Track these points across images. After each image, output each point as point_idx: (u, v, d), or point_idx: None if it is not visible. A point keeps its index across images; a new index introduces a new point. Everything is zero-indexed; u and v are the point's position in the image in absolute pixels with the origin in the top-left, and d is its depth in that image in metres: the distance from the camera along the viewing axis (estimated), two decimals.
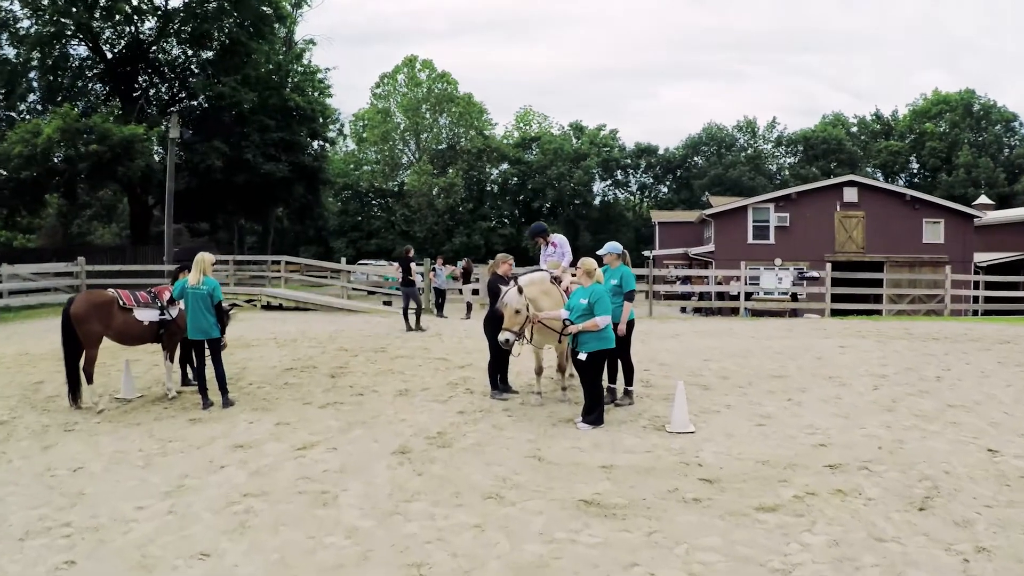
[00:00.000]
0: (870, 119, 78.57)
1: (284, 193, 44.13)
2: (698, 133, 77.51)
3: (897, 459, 7.19)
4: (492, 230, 65.72)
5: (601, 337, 8.43)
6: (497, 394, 9.92)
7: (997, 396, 10.35)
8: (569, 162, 67.76)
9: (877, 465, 7.04)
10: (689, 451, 7.60)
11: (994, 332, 18.96)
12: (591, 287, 8.53)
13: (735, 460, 7.32)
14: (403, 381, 11.08)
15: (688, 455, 7.46)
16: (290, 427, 8.45)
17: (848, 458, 7.25)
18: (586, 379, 8.48)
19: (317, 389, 10.49)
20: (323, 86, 46.83)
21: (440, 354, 13.80)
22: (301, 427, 8.44)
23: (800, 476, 6.78)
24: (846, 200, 33.36)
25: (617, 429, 8.40)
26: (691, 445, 7.80)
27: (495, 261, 10.34)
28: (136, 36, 38.88)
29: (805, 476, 6.77)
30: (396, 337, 16.39)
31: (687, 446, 7.77)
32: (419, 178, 62.65)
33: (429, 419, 8.72)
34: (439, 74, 68.08)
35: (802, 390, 10.75)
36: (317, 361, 12.75)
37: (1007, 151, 71.46)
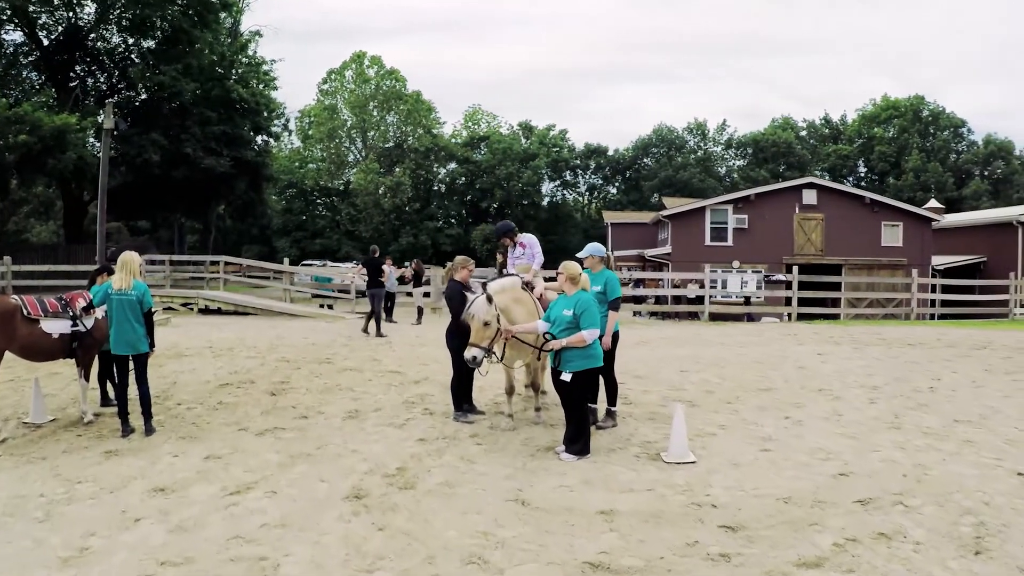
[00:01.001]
0: (819, 123, 79.32)
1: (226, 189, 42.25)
2: (648, 134, 77.22)
3: (928, 489, 6.36)
4: (439, 230, 64.30)
5: (588, 354, 7.24)
6: (461, 416, 8.68)
7: (999, 409, 9.80)
8: (518, 162, 66.64)
9: (910, 498, 6.16)
10: (697, 488, 6.47)
11: (965, 337, 18.54)
12: (576, 296, 7.34)
13: (752, 498, 6.24)
14: (352, 399, 9.74)
15: (697, 493, 6.32)
16: (222, 462, 7.04)
17: (876, 490, 6.36)
18: (570, 403, 7.28)
19: (255, 410, 9.08)
20: (268, 78, 45.02)
21: (392, 366, 12.50)
22: (235, 462, 7.04)
23: (832, 517, 5.80)
24: (805, 202, 32.92)
25: (606, 459, 7.22)
26: (697, 479, 6.68)
27: (453, 265, 9.05)
28: (74, 22, 36.66)
29: (837, 516, 5.81)
30: (343, 345, 15.01)
31: (693, 481, 6.64)
32: (365, 177, 60.76)
33: (385, 450, 7.40)
34: (387, 71, 66.35)
35: (796, 405, 9.92)
36: (255, 375, 11.32)
37: (955, 156, 72.64)
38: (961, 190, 66.43)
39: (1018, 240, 32.04)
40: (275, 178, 55.22)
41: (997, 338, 18.20)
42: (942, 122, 72.85)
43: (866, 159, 73.72)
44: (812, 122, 79.72)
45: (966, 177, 69.66)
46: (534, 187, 68.62)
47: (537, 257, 9.44)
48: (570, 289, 7.40)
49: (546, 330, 7.40)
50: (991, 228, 35.22)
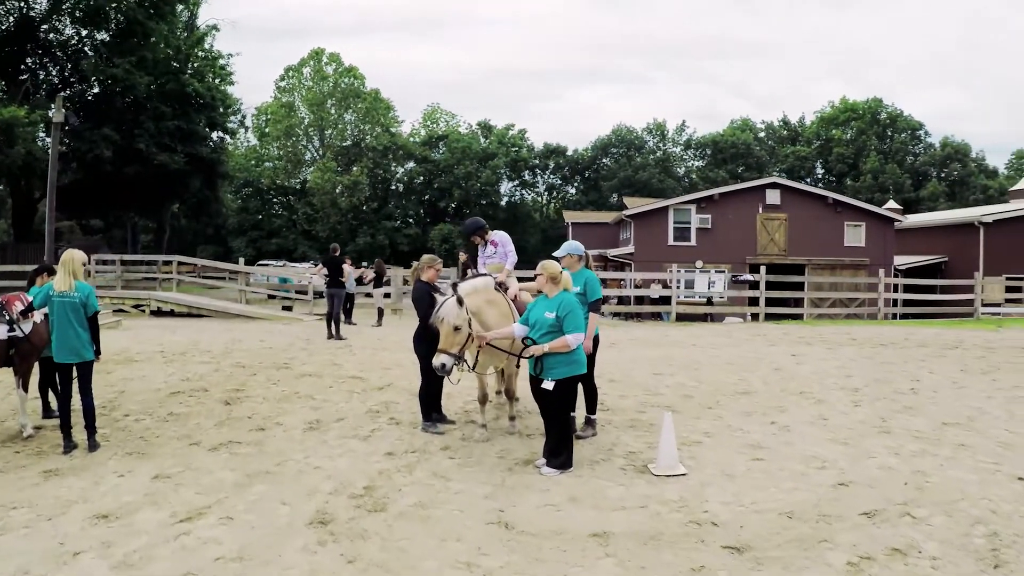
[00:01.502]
0: (778, 125, 79.95)
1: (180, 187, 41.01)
2: (607, 135, 77.05)
3: (932, 498, 6.06)
4: (397, 230, 63.31)
5: (572, 360, 6.69)
6: (430, 426, 8.08)
7: (985, 410, 9.67)
8: (477, 161, 66.05)
9: (916, 508, 5.83)
10: (692, 503, 5.97)
11: (935, 336, 18.51)
12: (558, 297, 6.77)
13: (753, 514, 5.77)
14: (312, 409, 9.06)
15: (694, 509, 5.83)
16: (172, 482, 6.32)
17: (879, 501, 6.00)
18: (552, 413, 6.72)
19: (208, 422, 8.36)
20: (225, 73, 43.81)
21: (353, 371, 11.83)
22: (186, 482, 6.33)
23: (840, 532, 5.39)
24: (768, 202, 32.83)
25: (591, 473, 6.68)
26: (691, 494, 6.19)
27: (420, 265, 8.40)
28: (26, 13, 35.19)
29: (846, 531, 5.41)
30: (301, 349, 14.28)
31: (687, 495, 6.14)
32: (322, 175, 59.56)
33: (350, 466, 6.75)
34: (346, 68, 65.20)
35: (780, 409, 9.56)
36: (209, 381, 10.56)
37: (912, 158, 73.67)
38: (918, 191, 67.46)
39: (980, 240, 32.38)
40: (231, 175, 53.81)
41: (967, 337, 18.17)
42: (900, 124, 73.97)
43: (824, 160, 74.53)
44: (771, 124, 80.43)
45: (923, 178, 70.81)
46: (493, 187, 68.07)
47: (510, 256, 8.88)
48: (551, 290, 6.85)
49: (525, 335, 6.85)
50: (953, 228, 35.57)
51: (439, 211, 68.20)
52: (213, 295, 28.44)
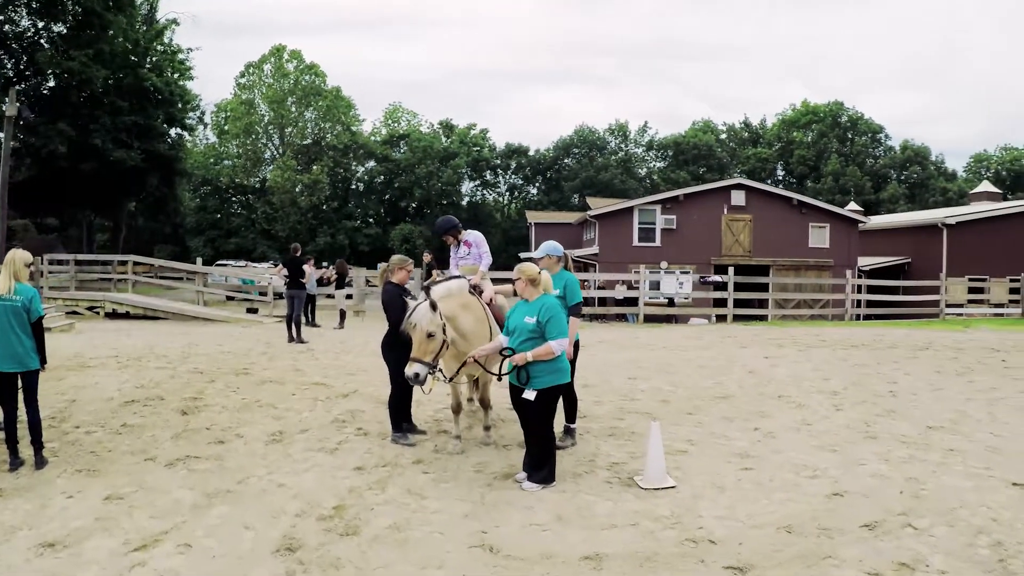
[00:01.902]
0: (739, 127, 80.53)
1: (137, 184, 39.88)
2: (570, 135, 76.87)
3: (930, 507, 5.88)
4: (357, 230, 62.34)
5: (555, 368, 6.29)
6: (401, 437, 7.62)
7: (967, 413, 9.59)
8: (438, 161, 65.34)
9: (917, 518, 5.62)
10: (686, 518, 5.63)
11: (904, 337, 18.54)
12: (539, 300, 6.35)
13: (751, 529, 5.45)
14: (274, 418, 8.51)
15: (688, 526, 5.48)
16: (125, 504, 5.76)
17: (878, 511, 5.76)
18: (534, 425, 6.31)
19: (164, 434, 7.78)
20: (184, 67, 42.71)
21: (316, 377, 11.28)
22: (141, 503, 5.77)
23: (843, 546, 5.13)
24: (734, 203, 32.77)
25: (575, 487, 6.30)
26: (683, 508, 5.85)
27: (389, 266, 7.90)
28: None
29: (848, 545, 5.14)
30: (261, 354, 13.68)
31: (679, 511, 5.80)
32: (282, 174, 58.31)
33: (317, 483, 6.26)
34: (307, 65, 63.95)
35: (761, 415, 9.31)
36: (165, 389, 9.95)
37: (872, 161, 74.65)
38: (879, 193, 68.32)
39: (943, 242, 32.70)
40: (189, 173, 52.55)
41: (936, 338, 18.20)
42: (860, 127, 74.97)
43: (785, 162, 75.21)
44: (732, 125, 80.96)
45: (883, 181, 71.80)
46: (454, 186, 67.51)
47: (485, 257, 8.44)
48: (531, 293, 6.43)
49: (505, 345, 6.45)
50: (916, 230, 35.90)
51: (400, 211, 67.39)
52: (170, 296, 27.53)
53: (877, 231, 37.88)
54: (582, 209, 55.61)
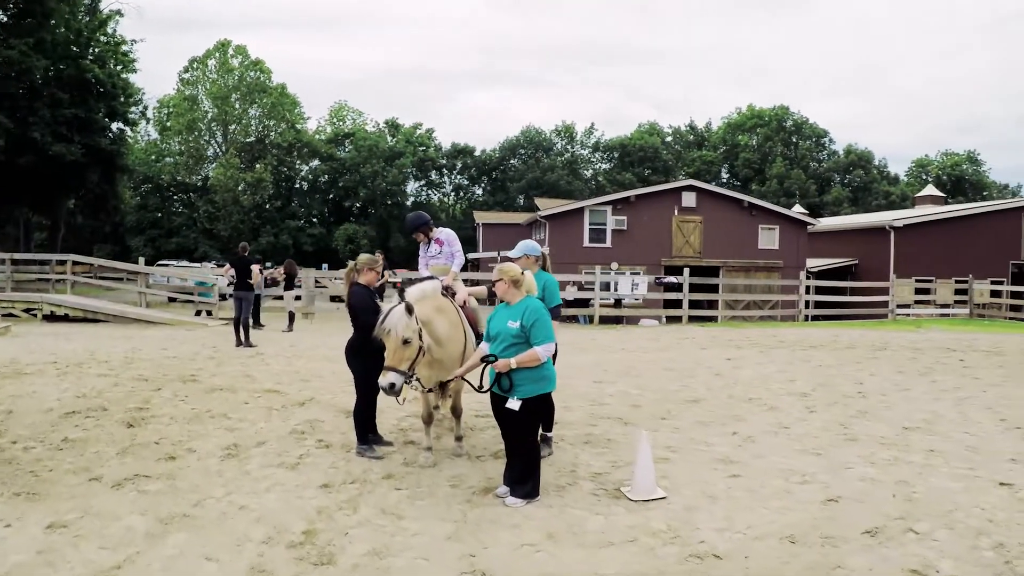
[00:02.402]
0: (685, 130, 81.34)
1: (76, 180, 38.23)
2: (516, 136, 76.78)
3: (927, 510, 5.80)
4: (301, 229, 61.23)
5: (541, 376, 5.88)
6: (367, 450, 7.09)
7: (939, 412, 9.63)
8: (383, 160, 64.57)
9: (916, 523, 5.52)
10: (684, 532, 5.30)
11: (860, 338, 18.68)
12: (523, 303, 5.93)
13: (753, 541, 5.17)
14: (227, 430, 7.88)
15: (688, 540, 5.16)
16: (70, 533, 5.09)
17: (876, 517, 5.62)
18: (518, 436, 5.89)
19: (110, 449, 7.08)
20: (128, 59, 41.08)
21: (269, 383, 10.61)
22: (87, 532, 5.11)
23: (850, 555, 4.94)
24: (684, 204, 32.87)
25: (560, 501, 5.90)
26: (679, 521, 5.52)
27: (356, 266, 7.35)
28: None
29: (855, 554, 4.96)
30: (208, 359, 12.94)
31: (675, 523, 5.47)
32: (225, 172, 56.77)
33: (282, 504, 5.70)
34: (252, 61, 62.35)
35: (736, 419, 9.09)
36: (108, 398, 9.19)
37: (816, 164, 76.24)
38: (823, 196, 69.77)
39: (890, 244, 33.34)
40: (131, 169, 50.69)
41: (891, 339, 18.35)
42: (805, 131, 76.52)
43: (730, 165, 76.23)
44: (678, 128, 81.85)
45: (827, 184, 73.38)
46: (399, 186, 66.87)
47: (457, 256, 7.97)
48: (513, 295, 5.99)
49: (486, 352, 6.01)
50: (864, 232, 36.53)
51: (344, 211, 66.53)
52: (110, 297, 26.24)
53: (825, 233, 38.45)
54: (528, 210, 55.40)
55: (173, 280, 28.50)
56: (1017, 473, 6.83)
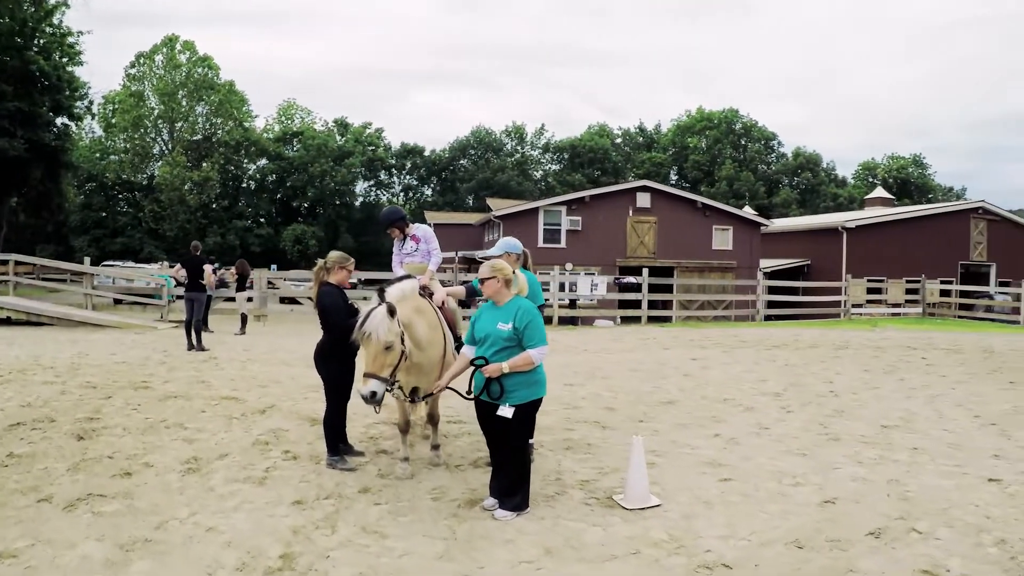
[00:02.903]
0: (634, 131, 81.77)
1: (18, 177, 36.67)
2: (466, 136, 76.46)
3: (924, 509, 5.75)
4: (248, 230, 59.78)
5: (534, 380, 5.52)
6: (338, 461, 6.62)
7: (912, 410, 9.70)
8: (332, 160, 63.58)
9: (915, 522, 5.46)
10: (687, 541, 5.05)
11: (820, 337, 18.80)
12: (513, 304, 5.57)
13: (759, 547, 4.98)
14: (186, 441, 7.32)
15: (693, 550, 4.90)
16: (20, 565, 4.50)
17: (875, 517, 5.53)
18: (509, 446, 5.54)
19: (60, 465, 6.47)
20: (74, 51, 39.50)
21: (225, 389, 10.02)
22: (40, 562, 4.53)
23: (859, 558, 4.82)
24: (639, 205, 32.90)
25: (552, 512, 5.57)
26: (679, 530, 5.27)
27: (326, 264, 6.85)
28: None
29: (864, 557, 4.84)
30: (160, 363, 12.27)
31: (676, 532, 5.21)
32: (171, 171, 55.09)
33: (253, 524, 5.21)
34: (200, 57, 60.52)
35: (715, 420, 8.93)
36: (56, 408, 8.51)
37: (764, 167, 77.26)
38: (771, 198, 70.71)
39: (843, 245, 33.80)
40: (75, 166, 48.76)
41: (850, 338, 18.50)
42: (754, 134, 77.54)
43: (680, 167, 76.82)
44: (627, 130, 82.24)
45: (776, 186, 74.40)
46: (348, 186, 66.01)
47: (434, 255, 7.54)
48: (503, 296, 5.64)
49: (474, 355, 5.64)
50: (816, 233, 37.03)
51: (292, 211, 65.36)
52: (54, 299, 25.03)
53: (778, 234, 38.87)
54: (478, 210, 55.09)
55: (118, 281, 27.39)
56: (1003, 469, 6.84)
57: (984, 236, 36.28)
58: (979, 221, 36.26)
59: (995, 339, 18.84)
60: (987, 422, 9.01)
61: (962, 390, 11.22)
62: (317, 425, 8.03)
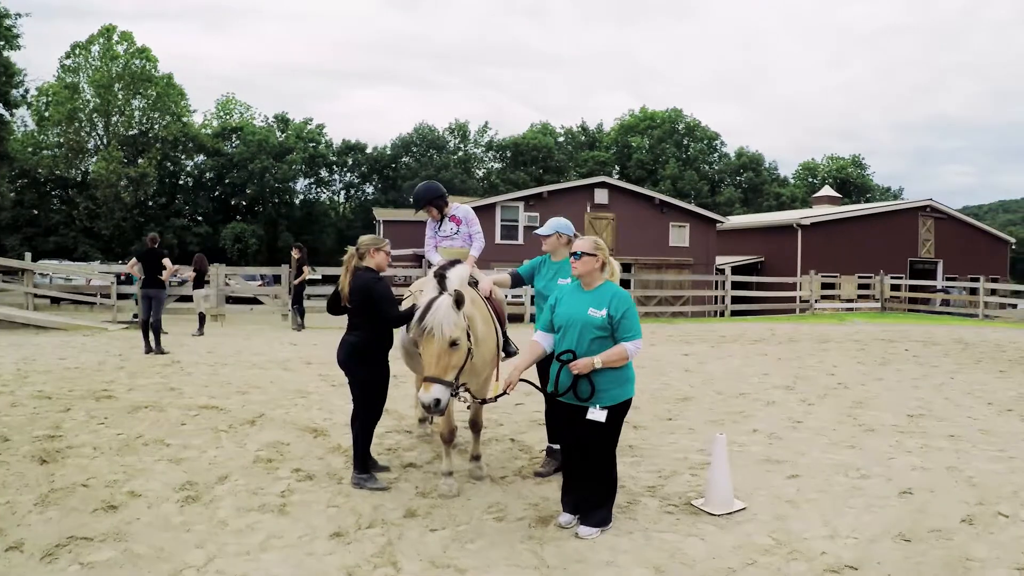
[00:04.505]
0: (577, 130, 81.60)
1: None
2: (409, 133, 75.07)
3: (996, 494, 5.60)
4: (186, 228, 57.14)
5: (625, 377, 4.72)
6: (367, 480, 5.63)
7: (926, 399, 9.44)
8: (272, 156, 61.52)
9: (998, 506, 5.30)
10: (796, 544, 4.60)
11: (794, 331, 18.68)
12: (606, 289, 4.80)
13: (871, 544, 4.63)
14: (172, 462, 6.23)
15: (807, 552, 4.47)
16: None
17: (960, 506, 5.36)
18: (597, 453, 4.70)
19: (25, 498, 5.28)
20: (11, 34, 36.75)
21: (200, 398, 8.90)
22: None
23: (971, 545, 4.62)
24: (597, 201, 32.42)
25: (635, 524, 4.89)
26: (782, 533, 4.79)
27: (359, 249, 5.72)
28: None
29: (971, 543, 4.66)
30: (118, 368, 11.02)
31: (779, 536, 4.74)
32: (107, 166, 52.12)
33: (292, 568, 4.19)
34: (138, 48, 57.45)
35: (744, 415, 8.44)
36: (8, 424, 7.27)
37: (707, 166, 77.90)
38: (715, 197, 71.26)
39: (797, 242, 33.97)
40: (11, 156, 45.54)
41: (826, 332, 18.55)
42: (698, 134, 78.07)
43: (622, 166, 76.87)
44: (570, 129, 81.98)
45: (720, 185, 75.09)
46: (288, 183, 64.16)
47: (477, 239, 6.63)
48: (596, 278, 4.84)
49: (551, 345, 4.87)
50: (771, 230, 37.19)
51: (231, 208, 63.20)
52: None
53: (733, 231, 38.92)
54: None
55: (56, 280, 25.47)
56: None
57: (932, 233, 37.04)
58: (927, 219, 37.01)
59: (964, 331, 19.00)
60: (1003, 408, 8.91)
61: (961, 379, 11.16)
62: (321, 436, 7.19)
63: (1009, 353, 14.42)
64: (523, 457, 6.60)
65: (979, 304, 25.98)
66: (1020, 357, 13.85)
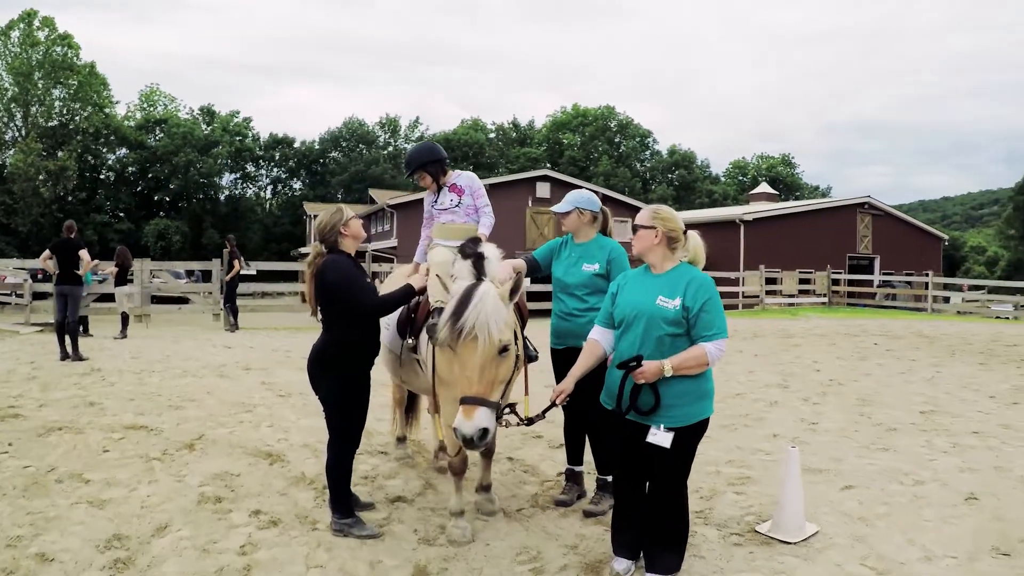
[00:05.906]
0: (508, 127, 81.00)
1: None
2: (338, 127, 73.51)
3: None
4: (107, 224, 54.59)
5: (704, 391, 3.66)
6: (354, 525, 4.38)
7: (929, 395, 8.99)
8: (197, 150, 59.25)
9: None
10: (892, 569, 4.02)
11: (754, 327, 18.31)
12: (681, 272, 3.73)
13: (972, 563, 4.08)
14: (94, 505, 4.83)
15: None
16: None
17: None
18: (666, 483, 3.67)
19: None
20: None
21: (127, 414, 7.42)
22: None
23: None
24: (539, 195, 31.85)
25: (701, 562, 4.02)
26: (872, 559, 4.13)
27: (327, 231, 4.37)
28: None
29: None
30: (29, 379, 9.47)
31: (871, 563, 4.08)
32: (25, 159, 49.11)
33: None
34: (60, 35, 54.13)
35: (755, 419, 7.71)
36: None
37: (639, 164, 78.05)
38: (648, 194, 71.50)
39: (740, 237, 33.79)
40: None
41: (786, 327, 18.25)
42: (630, 132, 78.30)
43: (554, 162, 76.55)
44: (501, 125, 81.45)
45: (651, 182, 75.40)
46: (214, 178, 62.01)
47: (485, 213, 5.23)
48: (665, 259, 3.77)
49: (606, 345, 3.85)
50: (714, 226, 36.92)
51: (154, 204, 60.54)
52: None
53: None
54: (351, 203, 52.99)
55: None
56: None
57: (869, 230, 37.57)
58: (865, 215, 37.53)
59: (919, 324, 18.87)
60: (1008, 403, 8.57)
61: (948, 372, 10.88)
62: (278, 463, 5.83)
63: (976, 345, 14.23)
64: (531, 481, 5.53)
65: (927, 298, 26.26)
66: (989, 348, 13.67)
